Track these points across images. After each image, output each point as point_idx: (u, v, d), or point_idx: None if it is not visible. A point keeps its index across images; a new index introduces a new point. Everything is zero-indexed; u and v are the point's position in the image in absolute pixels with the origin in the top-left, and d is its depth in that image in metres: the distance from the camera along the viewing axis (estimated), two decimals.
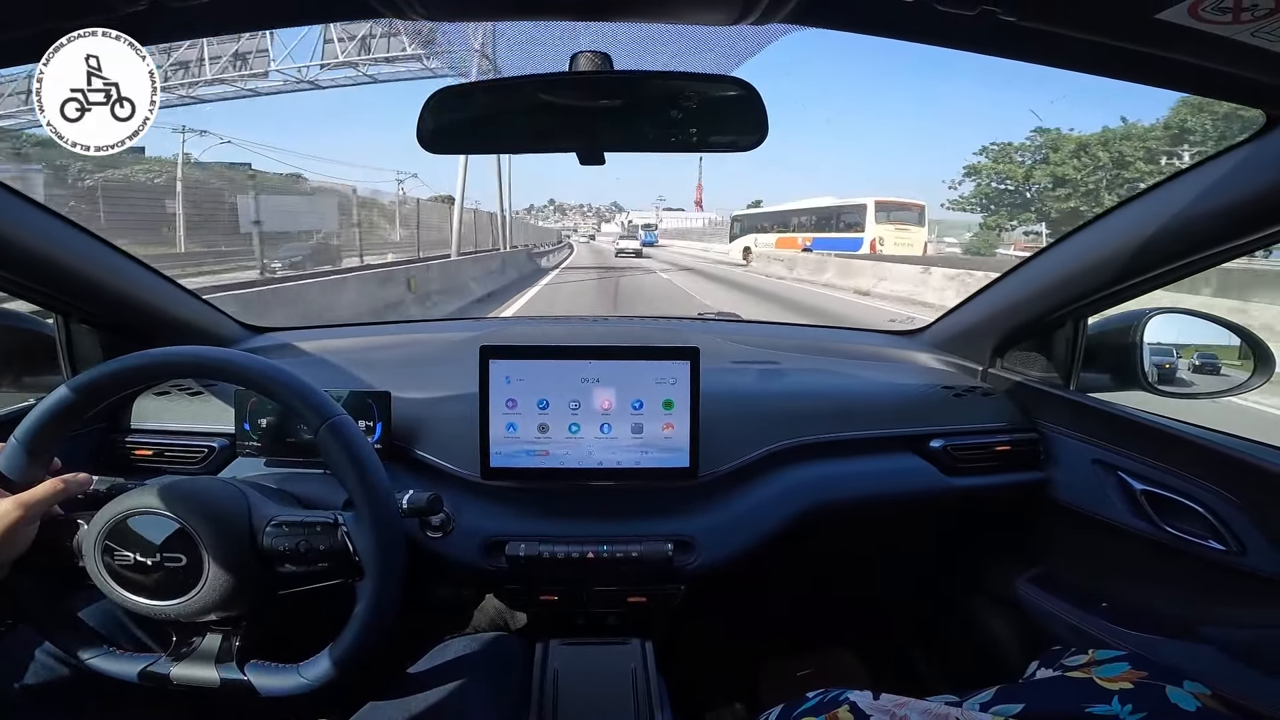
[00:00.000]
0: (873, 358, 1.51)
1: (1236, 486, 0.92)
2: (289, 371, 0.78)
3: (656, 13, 0.66)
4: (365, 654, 0.76)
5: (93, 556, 0.73)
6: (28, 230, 0.94)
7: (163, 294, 1.23)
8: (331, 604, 0.79)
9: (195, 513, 0.73)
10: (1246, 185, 0.80)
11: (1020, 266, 1.24)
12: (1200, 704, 0.69)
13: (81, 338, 1.14)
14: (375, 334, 1.60)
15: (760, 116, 0.75)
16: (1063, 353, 1.21)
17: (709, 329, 1.66)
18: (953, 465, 1.18)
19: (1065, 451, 1.18)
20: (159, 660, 0.78)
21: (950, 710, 0.71)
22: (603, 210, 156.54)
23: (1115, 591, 1.10)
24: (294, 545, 0.75)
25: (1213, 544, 0.94)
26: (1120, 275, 1.01)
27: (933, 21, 0.59)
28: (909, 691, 0.76)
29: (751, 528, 1.07)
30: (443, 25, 4.94)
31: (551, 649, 1.01)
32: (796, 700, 0.80)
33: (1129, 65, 0.62)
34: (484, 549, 1.02)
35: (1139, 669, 0.74)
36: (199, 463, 1.12)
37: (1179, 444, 1.00)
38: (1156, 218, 0.92)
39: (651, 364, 1.05)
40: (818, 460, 1.16)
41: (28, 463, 0.74)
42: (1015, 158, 30.64)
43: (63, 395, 0.75)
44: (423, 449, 1.09)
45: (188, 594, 0.73)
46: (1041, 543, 1.24)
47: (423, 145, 0.78)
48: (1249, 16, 0.48)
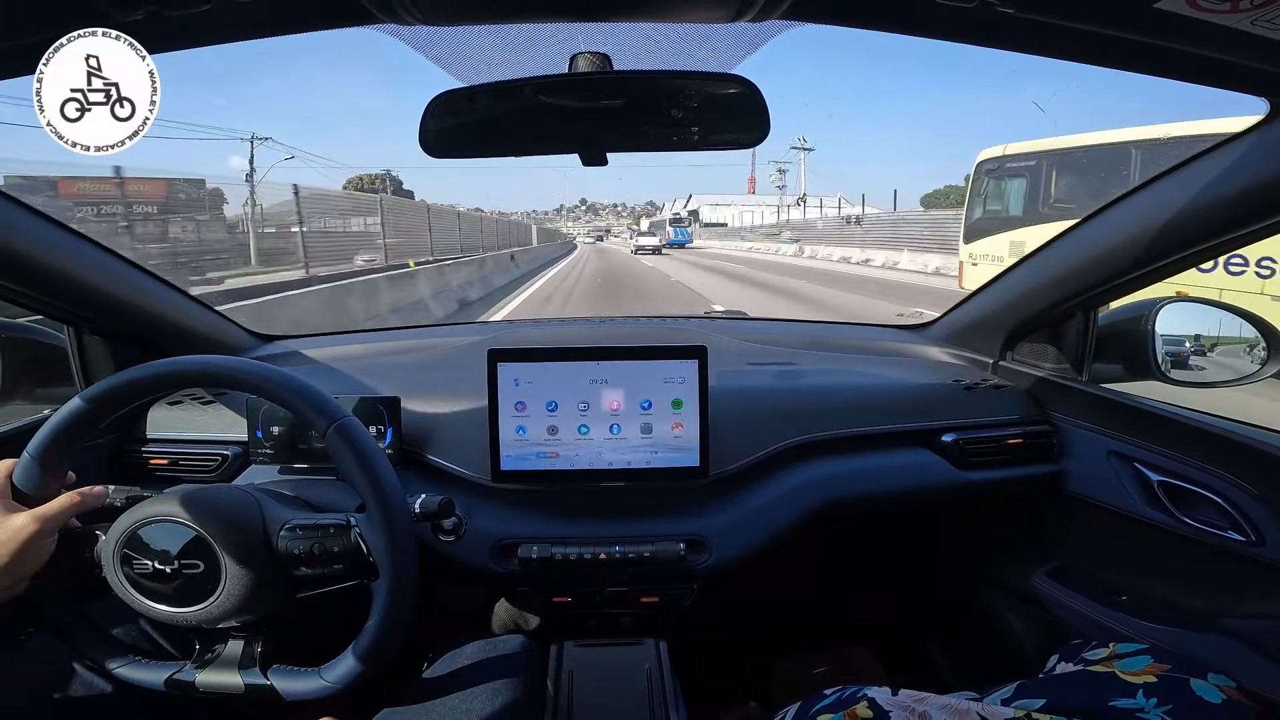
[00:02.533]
0: (882, 353, 1.51)
1: (1254, 476, 0.91)
2: (295, 377, 0.78)
3: (654, 12, 0.66)
4: (385, 652, 0.77)
5: (112, 566, 0.74)
6: (38, 243, 0.95)
7: (173, 304, 1.24)
8: (349, 606, 0.79)
9: (210, 519, 0.74)
10: (1251, 173, 0.79)
11: (1029, 258, 1.23)
12: (1226, 697, 0.68)
13: (93, 349, 1.16)
14: (383, 340, 1.60)
15: (761, 113, 0.75)
16: (1074, 344, 1.20)
17: (716, 327, 1.65)
18: (965, 459, 1.17)
19: (1079, 443, 1.17)
20: (184, 668, 0.79)
21: (971, 706, 0.70)
22: (637, 210, 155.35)
23: (1133, 584, 1.09)
24: (308, 548, 0.76)
25: (1231, 535, 0.93)
26: (1129, 265, 1.00)
27: (931, 14, 0.59)
28: (928, 688, 0.75)
29: (763, 526, 1.07)
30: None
31: (565, 650, 1.01)
32: (814, 697, 0.80)
33: (1129, 55, 0.62)
34: (496, 552, 1.02)
35: (1161, 662, 0.73)
36: (213, 471, 1.12)
37: (1195, 434, 0.99)
38: (1163, 207, 0.92)
39: (659, 364, 1.05)
40: (828, 457, 1.16)
41: (43, 477, 0.75)
42: None
43: (74, 408, 0.76)
44: (433, 453, 1.10)
45: (207, 600, 0.73)
46: (1057, 536, 1.23)
47: (425, 150, 0.79)
48: (1248, 5, 0.47)
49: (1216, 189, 0.83)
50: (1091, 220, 1.07)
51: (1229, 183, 0.82)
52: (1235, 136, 0.80)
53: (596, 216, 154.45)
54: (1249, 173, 0.79)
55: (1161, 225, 0.92)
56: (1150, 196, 0.95)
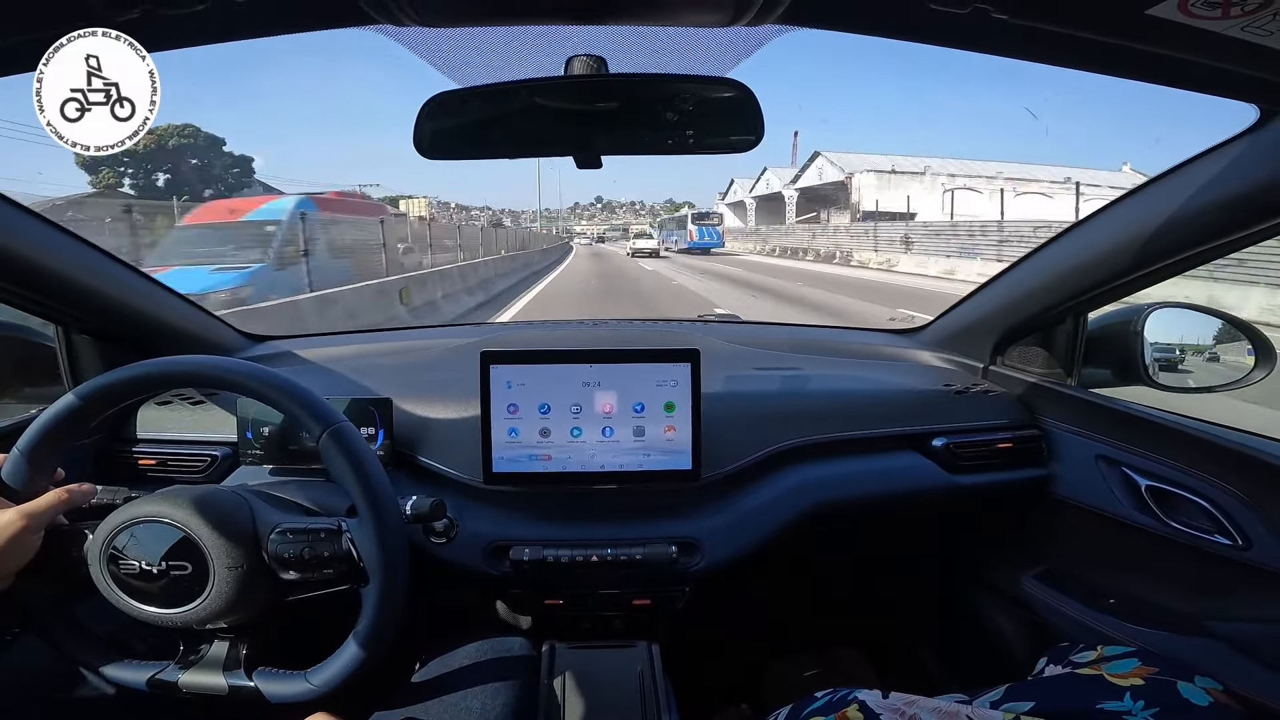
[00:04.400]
0: (873, 357, 1.51)
1: (1241, 481, 0.92)
2: (289, 379, 0.78)
3: (651, 15, 0.66)
4: (372, 659, 0.76)
5: (98, 565, 0.74)
6: (27, 241, 0.94)
7: (162, 304, 1.23)
8: (338, 610, 0.79)
9: (199, 521, 0.73)
10: (1242, 179, 0.80)
11: (1020, 263, 1.24)
12: (1212, 699, 0.69)
13: (82, 349, 1.15)
14: (375, 341, 1.60)
15: (756, 117, 0.75)
16: (1064, 349, 1.21)
17: (709, 330, 1.66)
18: (955, 463, 1.18)
19: (1068, 448, 1.18)
20: (167, 668, 0.79)
21: (960, 708, 0.70)
22: (656, 208, 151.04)
23: (1122, 587, 1.10)
24: (298, 552, 0.75)
25: (1218, 539, 0.94)
26: (1119, 270, 1.01)
27: (925, 20, 0.60)
28: (918, 690, 0.76)
29: (754, 528, 1.07)
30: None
31: (558, 653, 1.01)
32: (805, 700, 0.80)
33: (1121, 62, 0.63)
34: (488, 554, 1.02)
35: (1149, 665, 0.74)
36: (202, 472, 1.12)
37: (1183, 439, 1.00)
38: (1153, 213, 0.93)
39: (652, 366, 1.05)
40: (820, 460, 1.16)
41: (31, 473, 0.75)
42: None
43: (64, 406, 0.75)
44: (425, 455, 1.10)
45: (194, 602, 0.73)
46: (1046, 540, 1.24)
47: (420, 151, 0.79)
48: (1238, 11, 0.48)
49: (1206, 194, 0.84)
50: (1082, 225, 1.07)
51: (1219, 188, 0.83)
52: (1226, 142, 0.81)
53: (613, 215, 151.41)
54: (1239, 178, 0.80)
55: (1151, 231, 0.93)
56: (1140, 202, 0.96)
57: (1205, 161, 0.84)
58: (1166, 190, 0.91)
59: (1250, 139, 0.77)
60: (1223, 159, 0.82)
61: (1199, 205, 0.86)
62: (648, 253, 30.14)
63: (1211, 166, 0.83)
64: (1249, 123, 0.77)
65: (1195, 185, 0.86)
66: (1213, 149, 0.83)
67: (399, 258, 11.35)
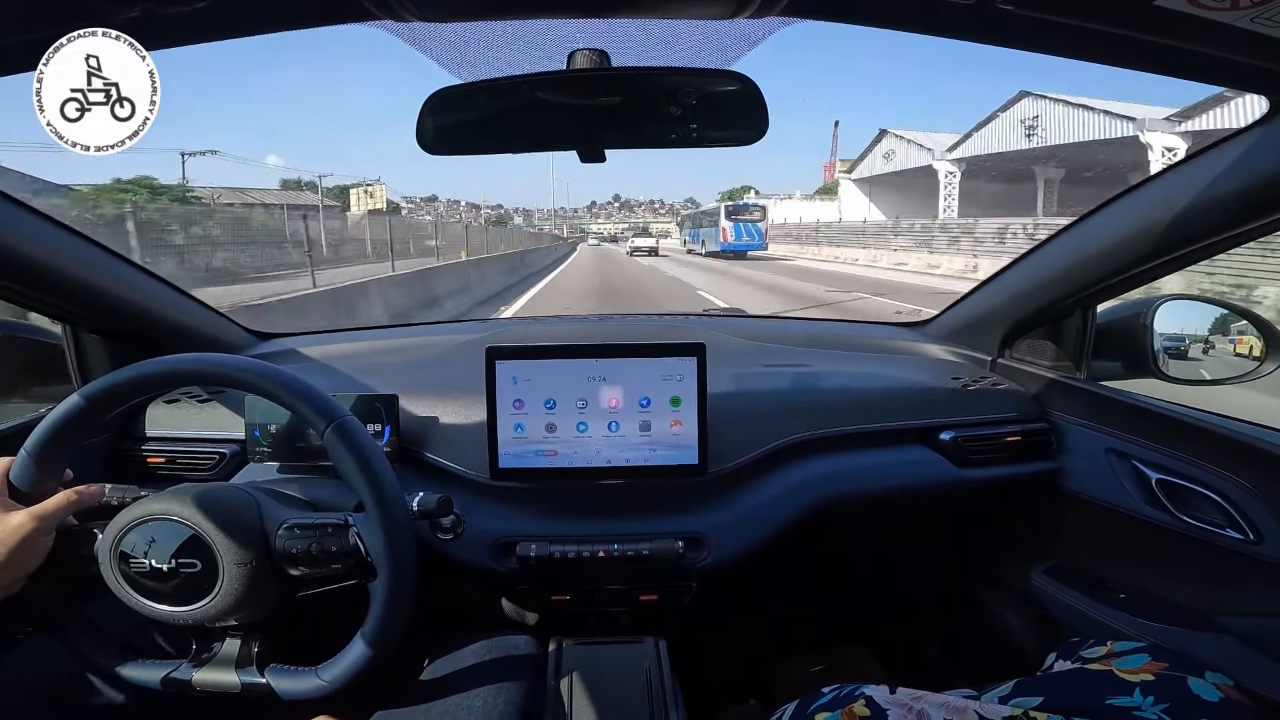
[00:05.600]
0: (880, 350, 1.51)
1: (1253, 474, 0.91)
2: (294, 376, 0.78)
3: (653, 8, 0.65)
4: (383, 652, 0.77)
5: (109, 564, 0.74)
6: (34, 241, 0.94)
7: (169, 302, 1.23)
8: (347, 606, 0.79)
9: (207, 518, 0.73)
10: (1252, 171, 0.79)
11: (1027, 255, 1.23)
12: (1223, 695, 0.68)
13: (90, 347, 1.15)
14: (381, 338, 1.60)
15: (760, 110, 0.75)
16: (1072, 341, 1.20)
17: (714, 325, 1.65)
18: (964, 457, 1.17)
19: (1077, 441, 1.17)
20: (181, 666, 0.79)
21: (968, 703, 0.70)
22: (676, 207, 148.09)
23: (1132, 582, 1.09)
24: (306, 548, 0.76)
25: (1230, 533, 0.93)
26: (1128, 262, 1.00)
27: (931, 11, 0.59)
28: (925, 686, 0.76)
29: (762, 523, 1.07)
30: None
31: (565, 649, 1.01)
32: (812, 695, 0.80)
33: (1129, 53, 0.62)
34: (495, 550, 1.02)
35: (1159, 660, 0.74)
36: (211, 469, 1.12)
37: (1194, 432, 0.99)
38: (1162, 204, 0.92)
39: (658, 361, 1.05)
40: (827, 454, 1.16)
41: (39, 475, 0.75)
42: None
43: (71, 406, 0.75)
44: (432, 451, 1.10)
45: (204, 599, 0.73)
46: (1055, 534, 1.23)
47: (423, 147, 0.78)
48: (1248, 2, 0.47)
49: (1217, 186, 0.83)
50: (1090, 217, 1.06)
51: (1229, 180, 0.82)
52: (1236, 134, 0.80)
53: (632, 214, 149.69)
54: (1249, 170, 0.79)
55: (1161, 222, 0.92)
56: (1150, 193, 0.95)
57: (1215, 153, 0.83)
58: (1176, 182, 0.90)
59: (1261, 131, 0.76)
60: (1233, 151, 0.81)
61: (1208, 198, 0.85)
62: (645, 251, 33.52)
63: (1222, 159, 0.82)
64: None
65: (1205, 178, 0.85)
66: (1223, 141, 0.82)
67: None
